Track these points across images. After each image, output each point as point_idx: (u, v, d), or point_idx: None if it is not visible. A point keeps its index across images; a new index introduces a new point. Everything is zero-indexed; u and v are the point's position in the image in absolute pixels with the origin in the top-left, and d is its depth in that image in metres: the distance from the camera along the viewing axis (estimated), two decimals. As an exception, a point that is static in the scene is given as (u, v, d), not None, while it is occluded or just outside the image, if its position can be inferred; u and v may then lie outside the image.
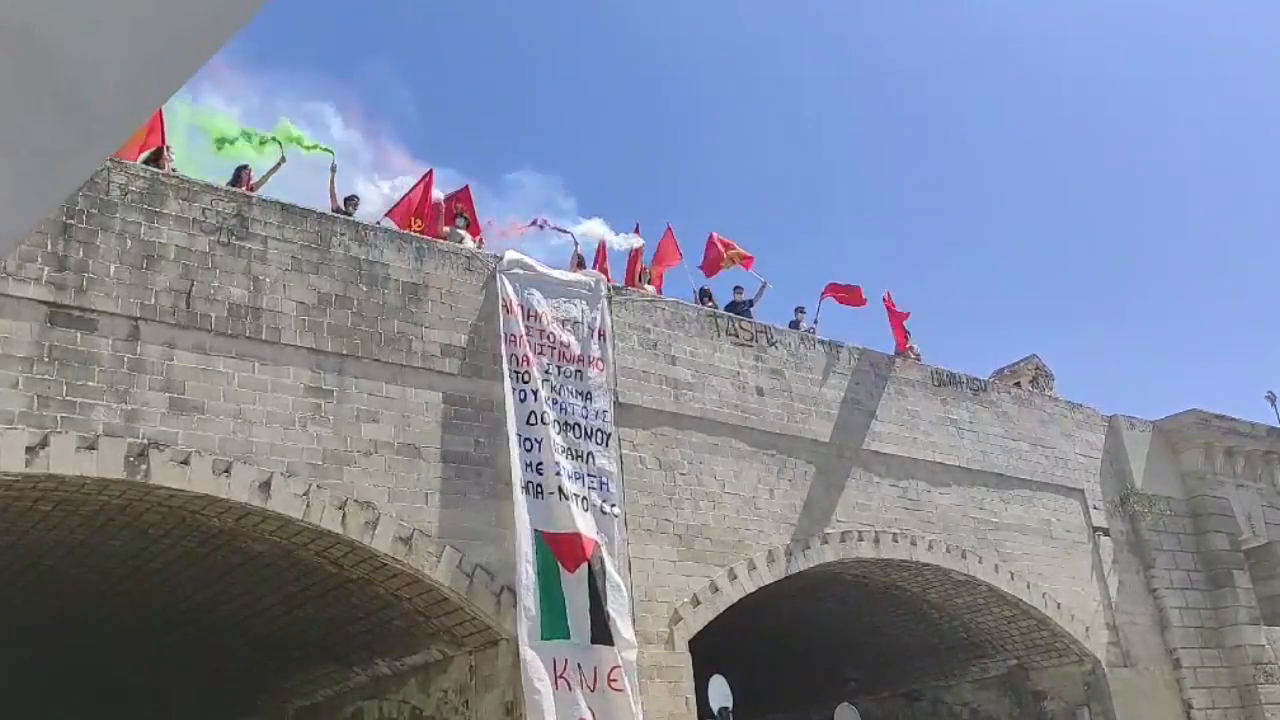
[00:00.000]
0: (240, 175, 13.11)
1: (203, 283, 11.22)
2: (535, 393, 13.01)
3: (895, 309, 18.68)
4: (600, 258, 16.29)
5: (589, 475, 13.11)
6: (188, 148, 13.13)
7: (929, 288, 50.39)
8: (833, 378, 16.54)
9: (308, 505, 11.16)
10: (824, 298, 18.12)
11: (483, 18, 50.21)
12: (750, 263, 18.01)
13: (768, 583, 14.56)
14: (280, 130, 14.01)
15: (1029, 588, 17.43)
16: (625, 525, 13.33)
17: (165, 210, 11.28)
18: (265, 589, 13.49)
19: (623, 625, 12.54)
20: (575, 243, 16.31)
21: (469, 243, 14.43)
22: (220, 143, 13.65)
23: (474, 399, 12.76)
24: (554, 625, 12.19)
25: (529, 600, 12.06)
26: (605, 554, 12.77)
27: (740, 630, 15.35)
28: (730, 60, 52.00)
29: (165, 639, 16.15)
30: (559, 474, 12.76)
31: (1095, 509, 18.96)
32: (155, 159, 12.27)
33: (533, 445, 12.76)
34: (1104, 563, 18.61)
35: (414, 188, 15.23)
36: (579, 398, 13.45)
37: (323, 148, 14.58)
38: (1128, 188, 52.80)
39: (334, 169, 14.48)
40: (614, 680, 12.24)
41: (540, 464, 12.73)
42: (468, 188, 16.04)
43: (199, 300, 11.13)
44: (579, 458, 13.11)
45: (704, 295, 17.16)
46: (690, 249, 18.02)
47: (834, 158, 54.32)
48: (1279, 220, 53.44)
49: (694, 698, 13.38)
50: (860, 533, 15.75)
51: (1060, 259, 54.11)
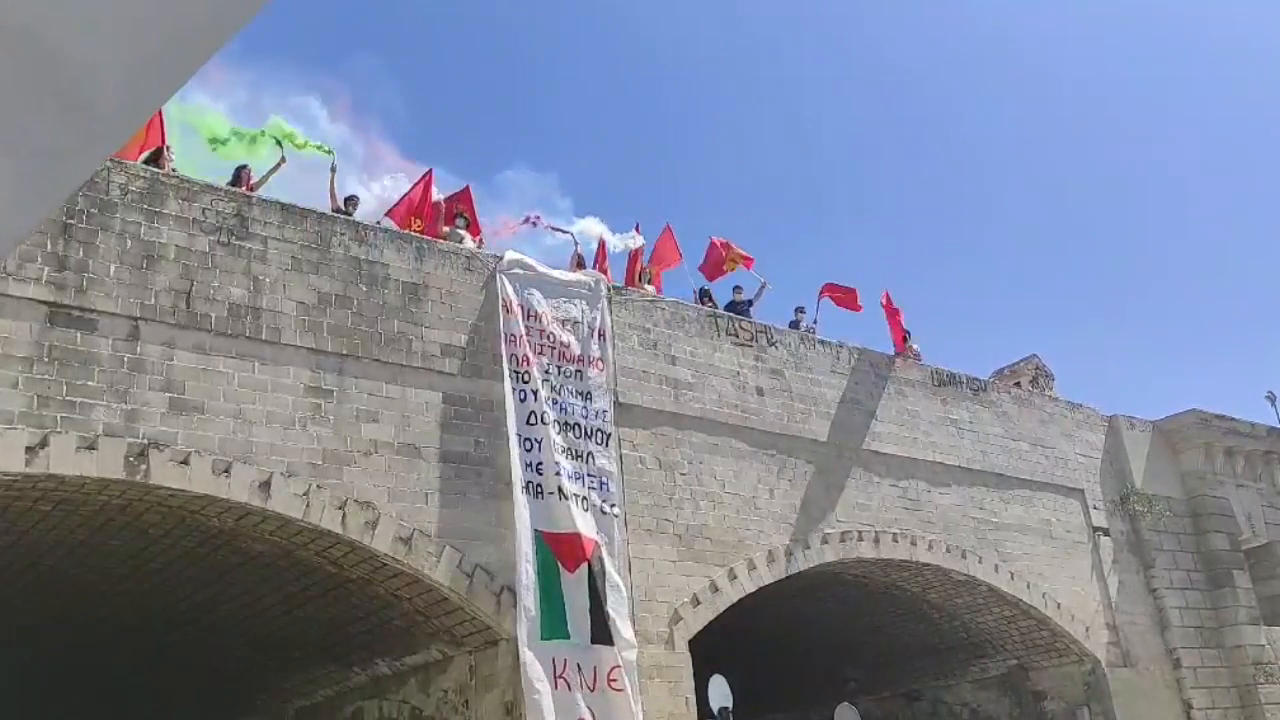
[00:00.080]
0: (240, 175, 13.11)
1: (203, 283, 11.22)
2: (535, 393, 13.01)
3: (893, 309, 18.58)
4: (600, 257, 16.29)
5: (589, 475, 13.11)
6: (180, 146, 13.11)
7: (929, 288, 50.44)
8: (833, 378, 16.53)
9: (308, 505, 11.16)
10: (822, 297, 18.10)
11: (475, 14, 50.21)
12: (750, 263, 18.01)
13: (768, 583, 14.56)
14: (272, 127, 13.98)
15: (1029, 588, 17.43)
16: (625, 525, 13.33)
17: (165, 210, 11.28)
18: (265, 589, 13.49)
19: (622, 625, 12.53)
20: (575, 243, 16.32)
21: (469, 243, 14.43)
22: (214, 143, 13.64)
23: (474, 399, 12.76)
24: (554, 625, 12.19)
25: (529, 600, 12.06)
26: (605, 554, 12.77)
27: (740, 630, 15.34)
28: (730, 60, 52.04)
29: (165, 639, 16.15)
30: (559, 474, 12.76)
31: (1095, 509, 18.96)
32: (155, 159, 12.26)
33: (533, 445, 12.76)
34: (1104, 563, 18.61)
35: (413, 187, 15.21)
36: (579, 398, 13.45)
37: (323, 148, 14.57)
38: (1128, 188, 52.86)
39: (334, 169, 14.48)
40: (614, 680, 12.24)
41: (540, 464, 12.73)
42: (468, 188, 16.03)
43: (199, 300, 11.13)
44: (579, 458, 13.11)
45: (704, 295, 17.16)
46: (689, 249, 18.04)
47: (834, 158, 54.37)
48: (1279, 220, 53.47)
49: (694, 698, 13.38)
50: (860, 533, 15.75)
51: (1060, 259, 54.17)
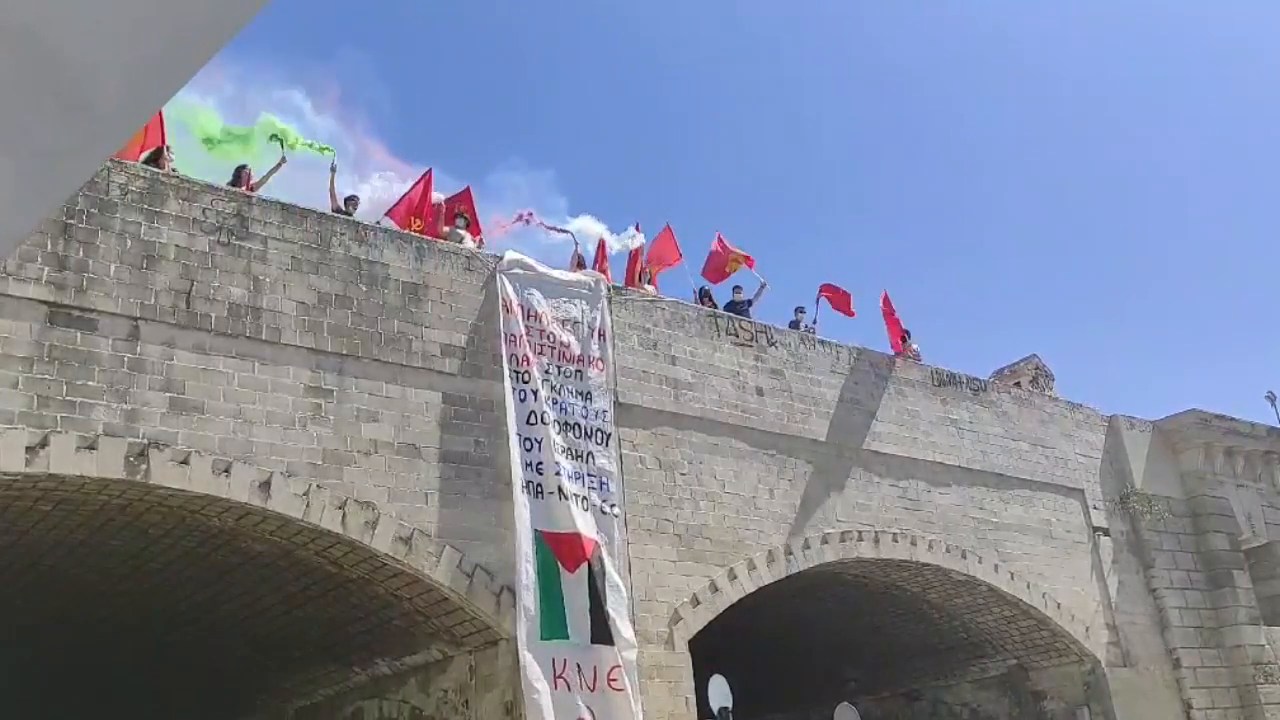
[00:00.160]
0: (240, 175, 13.11)
1: (203, 283, 11.22)
2: (535, 393, 13.01)
3: (891, 311, 18.49)
4: (600, 257, 16.28)
5: (589, 475, 13.11)
6: (174, 144, 13.08)
7: (929, 288, 50.42)
8: (832, 378, 16.53)
9: (308, 505, 11.16)
10: (820, 297, 18.09)
11: (465, 8, 50.08)
12: (752, 263, 18.02)
13: (768, 583, 14.56)
14: (263, 125, 13.96)
15: (1029, 588, 17.43)
16: (625, 525, 13.33)
17: (165, 210, 11.28)
18: (265, 589, 13.49)
19: (622, 625, 12.53)
20: (575, 242, 16.32)
21: (469, 243, 14.42)
22: (207, 142, 13.63)
23: (474, 399, 12.76)
24: (553, 625, 12.19)
25: (529, 600, 12.06)
26: (605, 554, 12.77)
27: (740, 630, 15.34)
28: (730, 60, 52.03)
29: (165, 639, 16.15)
30: (559, 474, 12.76)
31: (1095, 509, 18.96)
32: (155, 159, 12.26)
33: (533, 445, 12.76)
34: (1104, 563, 18.61)
35: (413, 187, 15.20)
36: (579, 398, 13.45)
37: (323, 148, 14.56)
38: (1128, 188, 52.86)
39: (334, 169, 14.48)
40: (614, 680, 12.24)
41: (540, 464, 12.73)
42: (468, 189, 16.04)
43: (199, 300, 11.13)
44: (579, 457, 13.11)
45: (704, 295, 17.16)
46: (689, 249, 18.04)
47: (834, 158, 54.37)
48: (1279, 220, 53.48)
49: (694, 698, 13.37)
50: (860, 533, 15.74)
51: (1060, 259, 54.16)
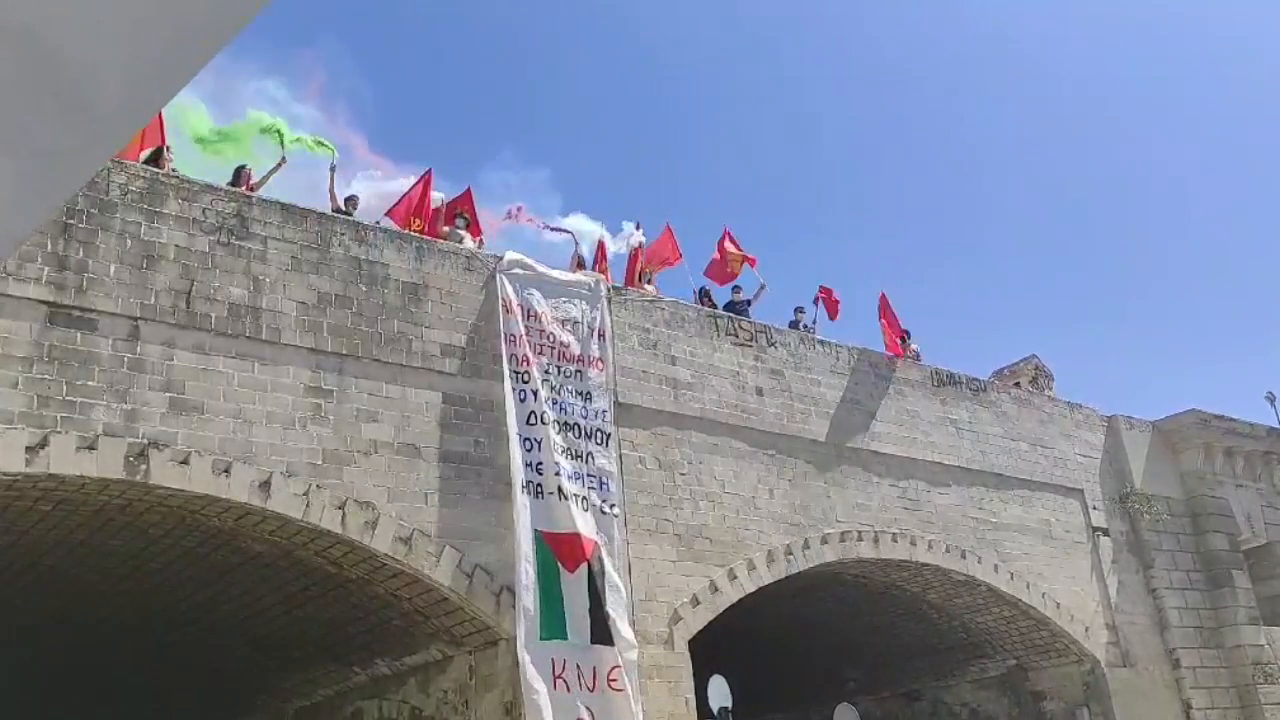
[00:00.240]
0: (240, 175, 13.11)
1: (203, 283, 11.22)
2: (535, 393, 13.01)
3: (889, 312, 18.42)
4: (600, 257, 16.28)
5: (589, 475, 13.11)
6: (169, 144, 13.04)
7: (929, 288, 50.41)
8: (832, 378, 16.53)
9: (307, 505, 11.16)
10: (818, 297, 18.10)
11: (462, 1, 49.95)
12: (754, 262, 18.02)
13: (767, 583, 14.56)
14: (251, 121, 13.93)
15: (1028, 588, 17.43)
16: (625, 525, 13.33)
17: (165, 210, 11.28)
18: (265, 589, 13.49)
19: (622, 625, 12.53)
20: (575, 242, 16.32)
21: (469, 243, 14.42)
22: (199, 142, 13.63)
23: (474, 399, 12.76)
24: (553, 625, 12.19)
25: (528, 600, 12.06)
26: (605, 554, 12.77)
27: (740, 630, 15.34)
28: (729, 59, 52.01)
29: (165, 639, 16.15)
30: (559, 474, 12.76)
31: (1095, 509, 18.96)
32: (155, 159, 12.26)
33: (533, 445, 12.76)
34: (1103, 563, 18.61)
35: (413, 187, 15.20)
36: (579, 398, 13.45)
37: (318, 140, 14.48)
38: (1128, 188, 52.84)
39: (334, 168, 14.46)
40: (614, 680, 12.23)
41: (540, 464, 12.73)
42: (469, 189, 16.05)
43: (199, 300, 11.13)
44: (579, 458, 13.11)
45: (703, 295, 17.16)
46: (688, 249, 18.01)
47: (834, 158, 54.34)
48: (1279, 220, 53.48)
49: (694, 698, 13.37)
50: (860, 533, 15.74)
51: (1060, 259, 54.15)
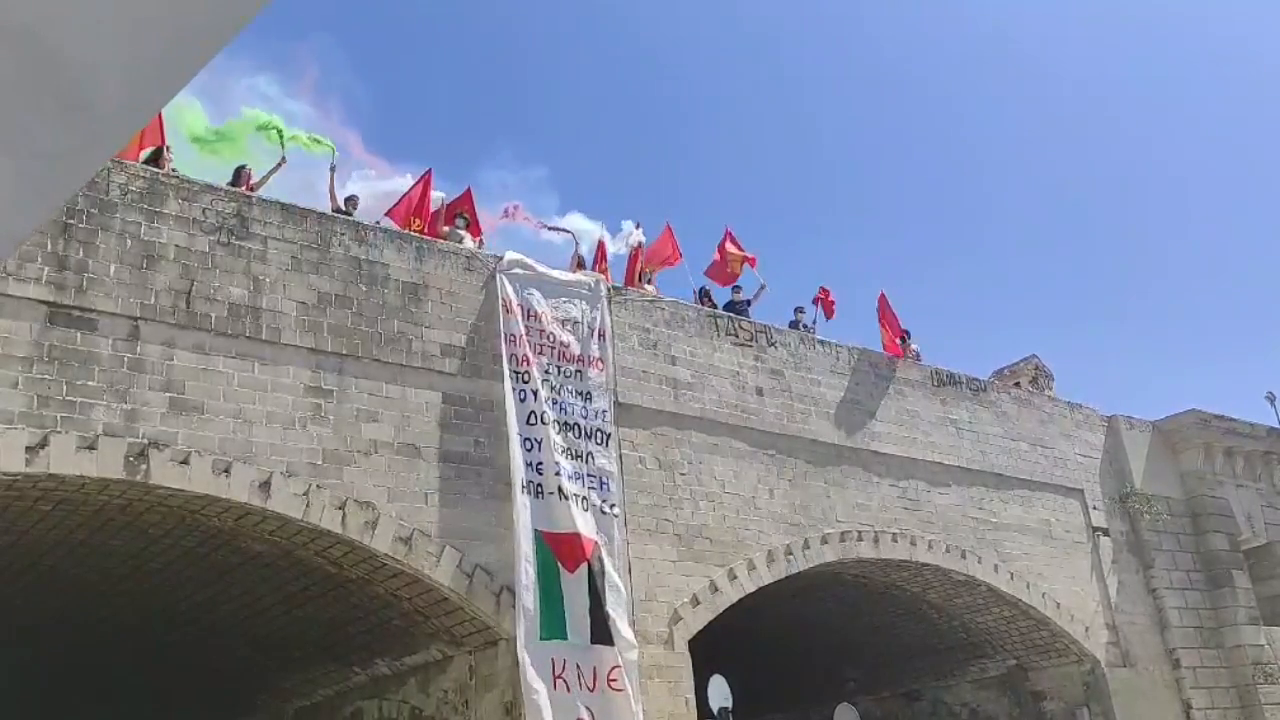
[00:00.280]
0: (240, 175, 13.10)
1: (203, 283, 11.22)
2: (535, 393, 13.01)
3: (888, 312, 18.36)
4: (600, 257, 16.28)
5: (589, 475, 13.10)
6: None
7: (929, 288, 50.41)
8: (832, 378, 16.53)
9: (307, 505, 11.16)
10: (818, 297, 18.12)
11: (466, 6, 49.93)
12: (754, 262, 18.03)
13: (767, 583, 14.56)
14: (247, 119, 13.92)
15: (1028, 588, 17.43)
16: (625, 525, 13.33)
17: (165, 210, 11.28)
18: (265, 589, 13.49)
19: (622, 625, 12.53)
20: (575, 242, 16.33)
21: (469, 243, 14.42)
22: (195, 142, 13.63)
23: (474, 399, 12.76)
24: (553, 625, 12.18)
25: (528, 600, 12.06)
26: (605, 554, 12.77)
27: (740, 630, 15.34)
28: (729, 59, 52.01)
29: (165, 639, 16.15)
30: (559, 474, 12.76)
31: (1095, 509, 18.95)
32: (155, 159, 12.26)
33: (533, 445, 12.76)
34: (1103, 563, 18.61)
35: (413, 187, 15.20)
36: (579, 398, 13.45)
37: (315, 138, 14.46)
38: (1128, 188, 52.84)
39: (334, 168, 14.46)
40: (614, 680, 12.23)
41: (540, 464, 12.73)
42: (469, 190, 16.05)
43: (199, 300, 11.13)
44: (579, 457, 13.11)
45: (703, 295, 17.15)
46: (687, 249, 18.01)
47: (834, 158, 54.35)
48: (1279, 220, 53.48)
49: (694, 698, 13.37)
50: (860, 533, 15.74)
51: (1060, 259, 54.14)
